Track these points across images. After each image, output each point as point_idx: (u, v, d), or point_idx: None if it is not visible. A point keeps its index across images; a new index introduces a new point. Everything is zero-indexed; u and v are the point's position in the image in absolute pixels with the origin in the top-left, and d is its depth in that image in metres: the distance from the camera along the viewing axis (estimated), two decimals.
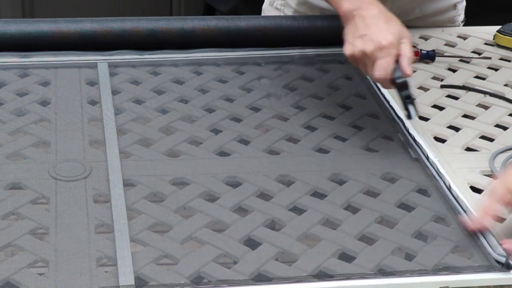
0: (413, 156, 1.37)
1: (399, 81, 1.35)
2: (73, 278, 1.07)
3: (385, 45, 1.33)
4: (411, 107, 1.36)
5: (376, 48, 1.34)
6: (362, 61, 1.37)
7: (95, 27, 1.61)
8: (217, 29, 1.64)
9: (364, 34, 1.36)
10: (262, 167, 1.33)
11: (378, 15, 1.38)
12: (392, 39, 1.34)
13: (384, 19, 1.38)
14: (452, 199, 1.26)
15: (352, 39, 1.37)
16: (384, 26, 1.36)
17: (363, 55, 1.36)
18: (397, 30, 1.36)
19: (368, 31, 1.36)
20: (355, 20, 1.39)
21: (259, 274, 1.11)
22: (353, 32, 1.38)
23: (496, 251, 1.14)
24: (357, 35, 1.37)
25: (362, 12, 1.39)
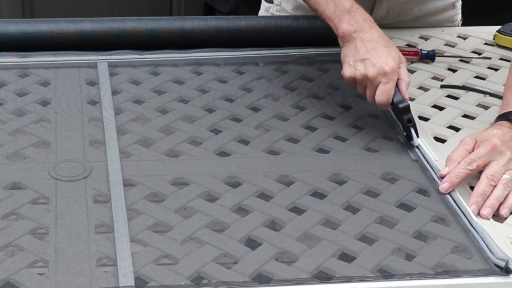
0: (412, 158, 1.37)
1: (402, 106, 1.36)
2: (73, 278, 1.07)
3: (387, 71, 1.35)
4: (412, 130, 1.37)
5: (379, 73, 1.35)
6: (362, 84, 1.38)
7: (95, 27, 1.61)
8: (217, 29, 1.64)
9: (366, 58, 1.36)
10: (262, 167, 1.33)
11: (378, 39, 1.39)
12: (393, 65, 1.36)
13: (383, 43, 1.38)
14: (452, 202, 1.26)
15: (353, 62, 1.38)
16: (385, 51, 1.37)
17: (364, 79, 1.37)
18: (397, 55, 1.38)
19: (370, 55, 1.36)
20: (355, 42, 1.39)
21: (259, 274, 1.11)
22: (353, 55, 1.38)
23: (495, 255, 1.14)
24: (358, 59, 1.37)
25: (362, 34, 1.39)
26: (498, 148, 1.29)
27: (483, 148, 1.29)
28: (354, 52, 1.39)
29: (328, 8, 1.44)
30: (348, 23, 1.41)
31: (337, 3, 1.43)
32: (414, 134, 1.38)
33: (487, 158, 1.28)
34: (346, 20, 1.41)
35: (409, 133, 1.38)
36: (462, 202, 1.25)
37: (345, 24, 1.41)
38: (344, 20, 1.41)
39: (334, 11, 1.43)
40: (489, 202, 1.25)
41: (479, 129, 1.47)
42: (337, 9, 1.43)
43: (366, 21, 1.41)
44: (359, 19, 1.41)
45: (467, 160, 1.28)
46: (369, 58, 1.36)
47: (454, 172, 1.28)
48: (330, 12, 1.44)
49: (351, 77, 1.39)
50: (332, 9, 1.43)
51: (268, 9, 1.84)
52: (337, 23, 1.42)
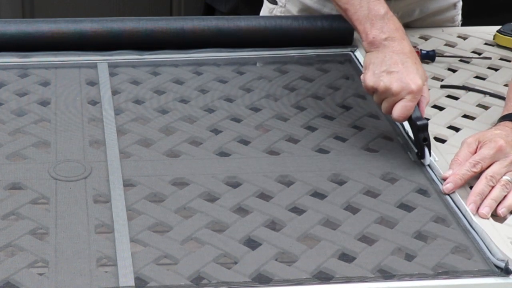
0: (412, 159, 1.36)
1: (420, 123, 1.32)
2: (73, 278, 1.07)
3: (414, 89, 1.30)
4: (426, 150, 1.33)
5: (404, 89, 1.30)
6: (382, 96, 1.33)
7: (95, 27, 1.61)
8: (217, 29, 1.64)
9: (394, 71, 1.31)
10: (262, 167, 1.33)
11: (409, 53, 1.33)
12: (421, 84, 1.31)
13: (413, 59, 1.33)
14: (452, 204, 1.26)
15: (379, 71, 1.32)
16: (414, 67, 1.32)
17: (386, 92, 1.31)
18: (423, 73, 1.33)
19: (398, 69, 1.31)
20: (384, 51, 1.34)
21: (259, 274, 1.11)
22: (380, 64, 1.33)
23: (495, 256, 1.14)
24: (384, 69, 1.32)
25: (393, 44, 1.34)
26: (503, 150, 1.28)
27: (488, 150, 1.28)
28: (381, 61, 1.33)
29: (361, 11, 1.38)
30: (380, 30, 1.35)
31: (371, 7, 1.37)
32: (427, 153, 1.33)
33: (492, 160, 1.28)
34: (379, 26, 1.35)
35: (422, 151, 1.33)
36: (462, 202, 1.25)
37: (377, 30, 1.35)
38: (377, 26, 1.36)
39: (367, 15, 1.37)
40: (487, 202, 1.24)
41: (479, 129, 1.46)
42: (370, 13, 1.37)
43: (399, 31, 1.36)
44: (392, 28, 1.35)
45: (472, 162, 1.28)
46: (397, 72, 1.31)
47: (459, 173, 1.27)
48: (363, 15, 1.37)
49: (373, 87, 1.33)
50: (366, 12, 1.37)
51: (272, 10, 1.82)
52: (368, 27, 1.36)
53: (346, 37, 1.68)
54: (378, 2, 1.38)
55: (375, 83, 1.32)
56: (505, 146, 1.28)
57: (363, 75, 1.36)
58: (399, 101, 1.31)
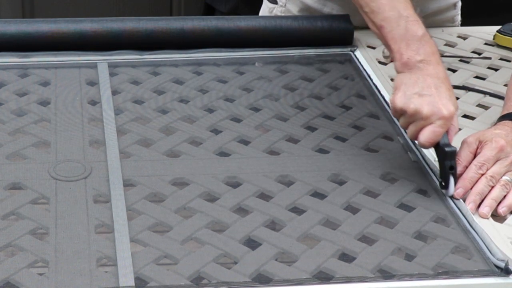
0: (412, 159, 1.36)
1: (448, 150, 1.26)
2: (73, 278, 1.07)
3: (446, 115, 1.25)
4: (451, 179, 1.26)
5: (434, 114, 1.25)
6: (409, 119, 1.28)
7: (95, 27, 1.61)
8: (217, 29, 1.64)
9: (426, 95, 1.26)
10: (262, 167, 1.33)
11: (443, 79, 1.29)
12: (453, 111, 1.26)
13: (447, 85, 1.29)
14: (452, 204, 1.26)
15: (410, 93, 1.27)
16: (447, 94, 1.27)
17: (415, 115, 1.26)
18: (455, 101, 1.29)
19: (431, 93, 1.26)
20: (417, 73, 1.29)
21: (259, 274, 1.11)
22: (412, 85, 1.28)
23: (495, 256, 1.14)
24: (416, 92, 1.27)
25: (428, 68, 1.29)
26: (504, 150, 1.28)
27: (490, 151, 1.28)
28: (414, 83, 1.28)
29: (398, 30, 1.33)
30: (416, 51, 1.30)
31: (409, 27, 1.32)
32: (452, 182, 1.26)
33: (495, 160, 1.28)
34: (415, 47, 1.31)
35: (447, 180, 1.26)
36: (462, 203, 1.25)
37: (412, 51, 1.31)
38: (412, 47, 1.31)
39: (404, 34, 1.32)
40: (487, 201, 1.24)
41: (479, 129, 1.46)
42: (407, 33, 1.32)
43: (435, 55, 1.32)
44: (428, 51, 1.31)
45: (477, 165, 1.27)
46: (430, 95, 1.26)
47: (466, 177, 1.27)
48: (399, 34, 1.32)
49: (402, 109, 1.27)
50: (403, 32, 1.32)
51: (272, 10, 1.82)
52: (403, 48, 1.31)
53: (346, 37, 1.68)
54: (416, 23, 1.33)
55: (405, 105, 1.27)
56: (505, 145, 1.28)
57: (393, 96, 1.30)
58: (428, 125, 1.26)
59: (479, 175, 1.27)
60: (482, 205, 1.24)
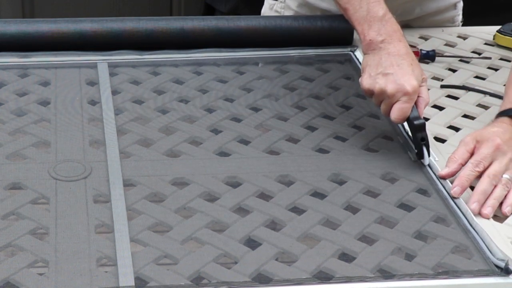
0: (412, 159, 1.36)
1: (417, 123, 1.33)
2: (73, 278, 1.07)
3: (409, 90, 1.31)
4: (424, 149, 1.33)
5: (399, 91, 1.31)
6: (379, 98, 1.35)
7: (95, 27, 1.61)
8: (217, 29, 1.64)
9: (389, 73, 1.32)
10: (262, 167, 1.33)
11: (405, 55, 1.34)
12: (416, 85, 1.32)
13: (409, 60, 1.34)
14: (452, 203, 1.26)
15: (375, 73, 1.34)
16: (410, 68, 1.33)
17: (382, 94, 1.33)
18: (420, 74, 1.34)
19: (394, 70, 1.32)
20: (380, 53, 1.35)
21: (259, 274, 1.11)
22: (376, 66, 1.34)
23: (495, 256, 1.14)
24: (380, 71, 1.33)
25: (390, 47, 1.35)
26: (501, 148, 1.29)
27: (486, 149, 1.28)
28: (378, 63, 1.34)
29: (360, 12, 1.39)
30: (378, 32, 1.36)
31: (370, 8, 1.38)
32: (426, 153, 1.33)
33: (492, 159, 1.28)
34: (376, 28, 1.36)
35: (421, 151, 1.34)
36: (462, 202, 1.25)
37: (374, 32, 1.36)
38: (374, 27, 1.36)
39: (365, 16, 1.38)
40: (490, 202, 1.24)
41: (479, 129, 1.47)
42: (369, 14, 1.38)
43: (396, 33, 1.36)
44: (389, 30, 1.36)
45: (474, 162, 1.28)
46: (392, 74, 1.32)
47: (463, 175, 1.27)
48: (361, 16, 1.38)
49: (369, 89, 1.35)
50: (364, 13, 1.38)
51: (272, 6, 1.83)
52: (366, 29, 1.37)
53: (346, 37, 1.68)
54: (377, 4, 1.39)
55: (371, 85, 1.34)
56: (502, 144, 1.29)
57: (361, 78, 1.37)
58: (395, 103, 1.32)
59: (476, 172, 1.27)
60: (485, 206, 1.24)
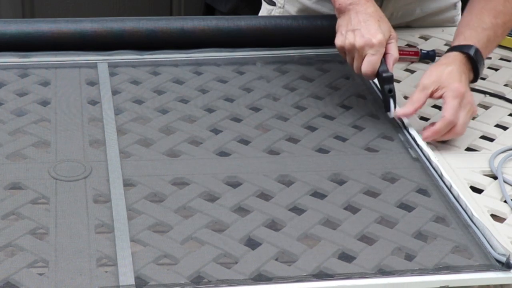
0: (413, 156, 1.37)
1: (385, 75, 1.42)
2: (73, 278, 1.07)
3: (374, 43, 1.41)
4: (391, 101, 1.42)
5: (366, 44, 1.41)
6: (350, 53, 1.44)
7: (95, 27, 1.61)
8: (217, 29, 1.64)
9: (357, 29, 1.43)
10: (262, 167, 1.33)
11: (372, 13, 1.44)
12: (381, 38, 1.41)
13: (376, 17, 1.44)
14: (453, 199, 1.26)
15: (345, 31, 1.44)
16: (376, 24, 1.43)
17: (352, 48, 1.43)
18: (387, 30, 1.44)
19: (361, 26, 1.42)
20: (350, 13, 1.45)
21: (259, 274, 1.11)
22: (346, 25, 1.45)
23: (496, 251, 1.14)
24: (349, 29, 1.44)
25: (357, 7, 1.45)
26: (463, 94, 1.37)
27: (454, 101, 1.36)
28: (347, 22, 1.45)
29: None
30: None
31: None
32: (392, 105, 1.42)
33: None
34: None
35: (388, 103, 1.43)
36: (463, 198, 1.25)
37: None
38: None
39: None
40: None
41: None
42: None
43: None
44: None
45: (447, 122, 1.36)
46: (360, 29, 1.42)
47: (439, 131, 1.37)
48: None
49: (341, 46, 1.45)
50: None
51: (270, 11, 1.82)
52: None
53: None
54: None
55: (342, 42, 1.45)
56: (463, 90, 1.38)
57: (335, 38, 1.47)
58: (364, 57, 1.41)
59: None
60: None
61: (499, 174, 1.33)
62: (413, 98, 1.40)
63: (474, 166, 1.36)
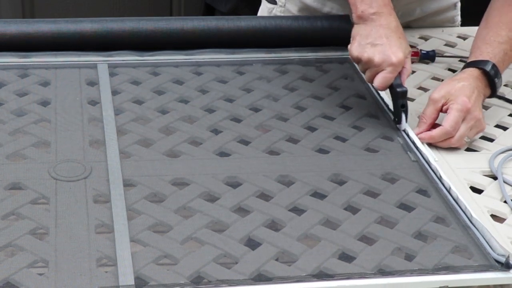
0: (412, 159, 1.37)
1: (400, 90, 1.41)
2: (73, 278, 1.07)
3: (394, 62, 1.39)
4: (403, 115, 1.43)
5: (385, 62, 1.39)
6: (365, 66, 1.43)
7: (95, 27, 1.61)
8: (217, 29, 1.64)
9: (378, 44, 1.40)
10: (262, 167, 1.33)
11: (394, 28, 1.42)
12: (402, 58, 1.40)
13: (398, 34, 1.42)
14: (452, 201, 1.26)
15: (364, 43, 1.41)
16: (397, 42, 1.40)
17: (369, 62, 1.41)
18: (407, 47, 1.42)
19: (382, 42, 1.40)
20: (371, 24, 1.42)
21: (259, 274, 1.11)
22: (366, 36, 1.42)
23: (495, 251, 1.14)
24: (369, 41, 1.41)
25: (381, 20, 1.42)
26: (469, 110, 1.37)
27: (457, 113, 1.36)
28: (368, 34, 1.41)
29: None
30: (369, 5, 1.43)
31: None
32: (404, 119, 1.43)
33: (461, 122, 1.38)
34: (368, 1, 1.43)
35: (399, 117, 1.43)
36: (462, 200, 1.25)
37: (366, 5, 1.43)
38: (366, 0, 1.43)
39: None
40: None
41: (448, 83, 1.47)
42: None
43: (387, 7, 1.43)
44: (380, 3, 1.43)
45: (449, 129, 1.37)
46: (381, 45, 1.40)
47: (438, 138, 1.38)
48: None
49: (358, 57, 1.42)
50: None
51: (271, 10, 1.82)
52: (358, 1, 1.44)
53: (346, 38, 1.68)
54: None
55: (360, 54, 1.42)
56: (469, 105, 1.37)
57: (350, 45, 1.45)
58: (380, 72, 1.40)
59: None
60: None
61: (499, 174, 1.33)
62: (425, 115, 1.40)
63: (474, 166, 1.36)
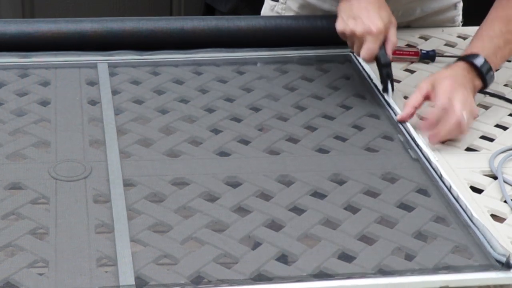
0: (413, 156, 1.37)
1: (383, 60, 1.49)
2: (73, 278, 1.07)
3: (374, 31, 1.46)
4: (389, 84, 1.51)
5: (366, 31, 1.47)
6: (351, 39, 1.50)
7: (95, 27, 1.61)
8: (217, 29, 1.64)
9: (357, 16, 1.47)
10: (262, 167, 1.33)
11: (373, 2, 1.49)
12: (381, 26, 1.47)
13: (377, 5, 1.49)
14: (452, 199, 1.26)
15: (346, 17, 1.49)
16: (376, 12, 1.48)
17: (352, 35, 1.48)
18: (387, 17, 1.49)
19: (361, 14, 1.47)
20: (352, 1, 1.50)
21: (259, 274, 1.11)
22: (348, 11, 1.50)
23: (496, 251, 1.14)
24: (351, 15, 1.49)
25: None
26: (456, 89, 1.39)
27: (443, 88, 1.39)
28: (349, 9, 1.49)
29: None
30: None
31: None
32: (390, 87, 1.50)
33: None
34: None
35: (386, 86, 1.51)
36: (462, 199, 1.25)
37: None
38: None
39: None
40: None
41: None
42: None
43: None
44: None
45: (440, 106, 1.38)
46: (360, 16, 1.47)
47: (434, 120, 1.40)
48: None
49: (342, 31, 1.50)
50: None
51: (273, 7, 1.83)
52: None
53: None
54: None
55: (343, 28, 1.50)
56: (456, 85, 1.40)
57: (336, 23, 1.51)
58: (363, 43, 1.47)
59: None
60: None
61: (499, 174, 1.33)
62: (410, 100, 1.44)
63: (474, 166, 1.36)
